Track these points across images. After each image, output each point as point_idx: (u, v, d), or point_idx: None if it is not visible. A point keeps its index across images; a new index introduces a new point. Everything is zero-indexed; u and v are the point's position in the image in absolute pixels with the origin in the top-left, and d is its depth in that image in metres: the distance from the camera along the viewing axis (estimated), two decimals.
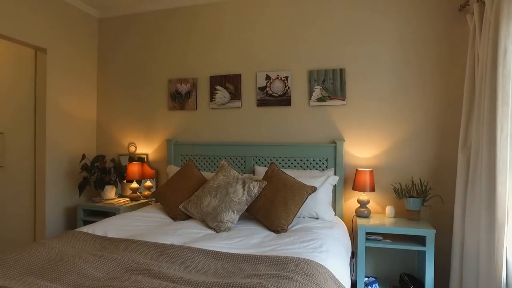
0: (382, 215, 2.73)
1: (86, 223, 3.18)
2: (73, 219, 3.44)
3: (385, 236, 2.49)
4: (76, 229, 2.19)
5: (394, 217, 2.65)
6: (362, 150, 2.87)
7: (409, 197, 2.54)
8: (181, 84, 3.39)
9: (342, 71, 2.89)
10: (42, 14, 3.13)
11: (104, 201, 3.24)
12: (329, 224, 2.40)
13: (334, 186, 2.79)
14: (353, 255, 2.69)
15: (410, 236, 2.49)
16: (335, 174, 2.83)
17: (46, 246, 1.82)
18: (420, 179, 2.62)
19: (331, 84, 2.93)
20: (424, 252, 2.35)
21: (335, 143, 2.85)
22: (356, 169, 2.72)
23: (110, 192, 3.34)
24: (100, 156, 3.33)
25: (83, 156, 3.31)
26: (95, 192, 3.63)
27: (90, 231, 2.16)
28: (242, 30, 3.21)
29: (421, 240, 2.41)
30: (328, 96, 2.94)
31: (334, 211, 2.77)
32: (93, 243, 1.97)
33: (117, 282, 1.36)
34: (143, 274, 1.46)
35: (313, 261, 1.62)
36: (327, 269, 1.60)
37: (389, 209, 2.65)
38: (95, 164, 3.29)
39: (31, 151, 3.24)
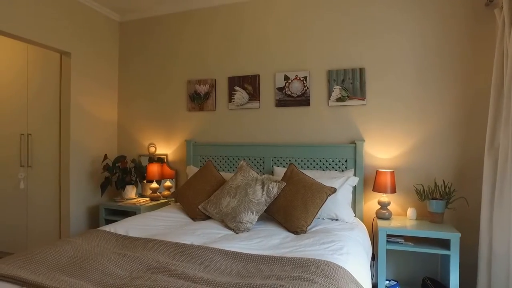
0: (403, 217, 2.67)
1: (108, 221, 3.26)
2: (96, 218, 3.53)
3: (407, 238, 2.44)
4: (99, 228, 2.25)
5: (416, 219, 2.59)
6: (383, 151, 2.82)
7: (432, 199, 2.47)
8: (200, 85, 3.42)
9: (361, 70, 2.84)
10: (67, 20, 3.23)
11: (125, 201, 3.31)
12: (349, 226, 2.37)
13: (354, 187, 2.75)
14: (374, 257, 2.64)
15: (433, 239, 2.42)
16: (354, 175, 2.79)
17: (71, 244, 1.87)
18: (443, 180, 2.54)
19: (350, 84, 2.89)
20: (448, 256, 2.28)
21: (355, 143, 2.81)
22: (377, 170, 2.67)
23: (131, 192, 3.40)
24: (121, 156, 3.40)
25: (105, 157, 3.39)
26: (116, 191, 3.72)
27: (112, 230, 2.21)
28: (260, 30, 3.21)
29: (444, 244, 2.35)
30: (347, 96, 2.90)
31: (354, 212, 2.73)
32: (115, 242, 2.01)
33: (139, 281, 1.38)
34: (164, 274, 1.48)
35: (334, 263, 1.60)
36: (348, 271, 1.57)
37: (410, 211, 2.59)
38: (117, 164, 3.37)
39: (57, 151, 3.35)
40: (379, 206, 2.66)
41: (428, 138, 2.70)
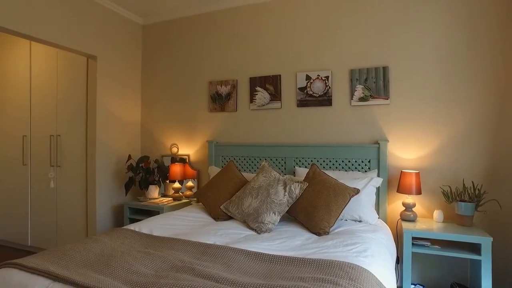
0: (429, 219, 2.59)
1: (132, 220, 3.34)
2: (120, 217, 3.62)
3: (433, 241, 2.36)
4: (124, 227, 2.30)
5: (443, 222, 2.51)
6: (407, 151, 2.75)
7: (460, 201, 2.38)
8: (221, 86, 3.45)
9: (385, 69, 2.78)
10: (94, 25, 3.33)
11: (148, 200, 3.37)
12: (373, 228, 2.32)
13: (378, 188, 2.70)
14: (398, 260, 2.57)
15: (461, 243, 2.34)
16: (378, 175, 2.74)
17: (98, 242, 1.93)
18: (472, 182, 2.45)
19: (373, 83, 2.83)
20: (479, 261, 2.19)
21: (378, 143, 2.75)
22: (401, 171, 2.60)
23: (154, 192, 3.47)
24: (144, 157, 3.47)
25: (129, 157, 3.47)
26: (140, 191, 3.81)
27: (137, 229, 2.26)
28: (281, 30, 3.20)
29: (474, 248, 2.26)
30: (370, 95, 2.85)
31: (378, 214, 2.67)
32: (140, 240, 2.05)
33: (164, 280, 1.40)
34: (188, 273, 1.50)
35: (358, 266, 1.57)
36: (372, 274, 1.54)
37: (437, 214, 2.51)
38: (140, 165, 3.44)
39: (84, 152, 3.46)
40: (404, 208, 2.59)
41: (455, 138, 2.61)
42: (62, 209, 3.59)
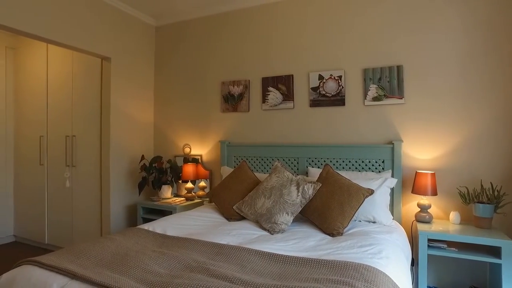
0: (445, 221, 2.54)
1: (145, 220, 3.37)
2: (133, 216, 3.66)
3: (450, 244, 2.31)
4: (138, 226, 2.32)
5: (460, 223, 2.46)
6: (422, 151, 2.70)
7: (478, 202, 2.33)
8: (233, 86, 3.46)
9: (399, 68, 2.74)
10: (108, 27, 3.38)
11: (161, 200, 3.40)
12: (387, 229, 2.29)
13: (392, 189, 2.66)
14: (413, 262, 2.53)
15: (480, 246, 2.29)
16: (392, 176, 2.70)
17: (113, 241, 1.95)
18: (491, 183, 2.39)
19: (387, 82, 2.79)
20: (499, 264, 2.14)
21: (393, 144, 2.72)
22: (416, 171, 2.56)
23: (167, 192, 3.50)
24: (157, 157, 3.50)
25: (142, 157, 3.50)
26: (153, 191, 3.84)
27: (150, 229, 2.28)
28: (293, 30, 3.19)
29: (493, 251, 2.20)
30: (384, 95, 2.81)
31: (392, 215, 2.63)
32: (154, 240, 2.06)
33: (179, 279, 1.41)
34: (202, 273, 1.50)
35: (374, 268, 1.55)
36: (388, 276, 1.52)
37: (453, 215, 2.45)
38: (153, 165, 3.47)
39: (98, 152, 3.51)
40: (419, 209, 2.55)
41: (473, 138, 2.55)
42: (77, 208, 3.65)
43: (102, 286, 1.38)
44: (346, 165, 2.89)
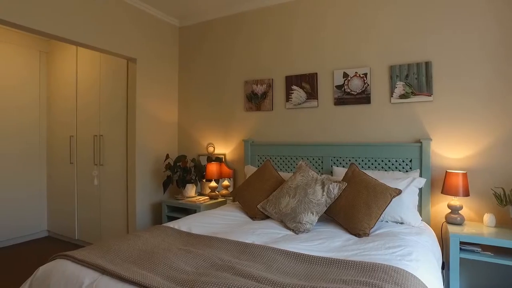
0: (478, 223, 2.44)
1: (170, 218, 3.43)
2: (158, 214, 3.73)
3: (484, 247, 2.21)
4: (164, 224, 2.36)
5: (495, 226, 2.34)
6: (453, 150, 2.60)
7: None
8: (257, 85, 3.46)
9: (427, 64, 2.65)
10: (133, 28, 3.46)
11: (186, 199, 3.45)
12: (416, 230, 2.22)
13: (420, 189, 2.58)
14: (443, 266, 2.44)
15: None
16: (420, 176, 2.61)
17: (140, 238, 1.99)
18: None
19: (415, 79, 2.71)
20: None
21: (421, 142, 2.63)
22: (446, 171, 2.46)
23: (191, 190, 3.54)
24: (182, 156, 3.55)
25: (167, 156, 3.56)
26: (177, 189, 3.90)
27: (176, 227, 2.32)
28: (316, 27, 3.15)
29: None
30: (412, 92, 2.72)
31: (420, 216, 2.55)
32: (179, 238, 2.09)
33: (205, 278, 1.42)
34: (228, 272, 1.50)
35: (404, 270, 1.50)
36: (419, 279, 1.47)
37: (488, 217, 2.35)
38: (178, 164, 3.52)
39: (124, 151, 3.60)
40: (449, 210, 2.46)
41: (508, 137, 2.43)
42: (104, 205, 3.77)
43: (131, 282, 1.41)
44: (372, 164, 2.82)
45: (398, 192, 2.27)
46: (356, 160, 2.88)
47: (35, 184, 4.27)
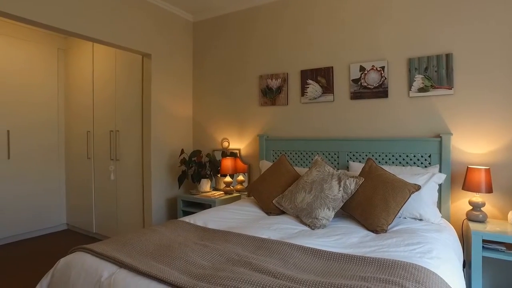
0: (502, 221, 2.35)
1: (185, 213, 3.46)
2: (174, 209, 3.77)
3: (509, 246, 2.13)
4: (180, 219, 2.38)
5: None
6: (474, 145, 2.51)
7: None
8: (271, 80, 3.43)
9: (448, 56, 2.57)
10: (147, 24, 3.48)
11: (201, 194, 3.46)
12: (435, 227, 2.16)
13: (440, 185, 2.51)
14: (464, 264, 2.37)
15: None
16: (440, 171, 2.54)
17: (157, 232, 2.01)
18: None
19: (435, 72, 2.63)
20: None
21: (440, 137, 2.56)
22: (468, 167, 2.39)
23: (206, 185, 3.55)
24: (197, 151, 3.56)
25: (182, 151, 3.57)
26: (192, 184, 3.92)
27: (191, 221, 2.32)
28: (331, 20, 3.09)
29: None
30: (431, 85, 2.64)
31: (440, 212, 2.48)
32: (195, 232, 2.10)
33: (222, 273, 1.42)
34: (244, 267, 1.50)
35: (424, 268, 1.46)
36: (441, 278, 1.42)
37: None
38: (193, 159, 3.54)
39: (140, 146, 3.64)
40: (471, 207, 2.39)
41: None
42: (121, 200, 3.82)
43: (148, 275, 1.42)
44: (389, 159, 2.76)
45: (417, 188, 2.22)
46: (373, 155, 2.83)
47: (55, 179, 4.37)
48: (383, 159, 2.79)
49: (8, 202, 3.90)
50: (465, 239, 2.43)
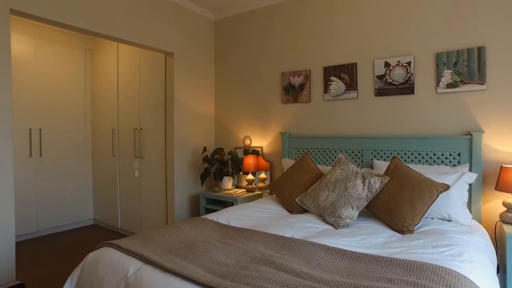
0: None
1: (207, 210, 3.49)
2: (196, 206, 3.81)
3: None
4: (203, 216, 2.40)
5: None
6: (509, 143, 2.39)
7: None
8: (294, 77, 3.39)
9: (480, 50, 2.45)
10: (170, 23, 3.52)
11: (223, 191, 3.48)
12: (466, 229, 2.07)
13: (470, 185, 2.41)
14: (498, 269, 2.27)
15: None
16: (470, 170, 2.44)
17: (181, 230, 2.03)
18: None
19: (465, 67, 2.52)
20: None
21: (471, 134, 2.45)
22: (501, 166, 2.28)
23: (228, 183, 3.57)
24: (219, 148, 3.58)
25: (204, 149, 3.61)
26: (214, 182, 3.95)
27: (214, 219, 2.34)
28: (355, 15, 3.02)
29: None
30: (461, 80, 2.54)
31: (470, 214, 2.38)
32: (218, 230, 2.11)
33: (245, 271, 1.42)
34: (268, 266, 1.49)
35: (455, 272, 1.40)
36: (474, 283, 1.36)
37: None
38: (215, 156, 3.56)
39: (163, 144, 3.70)
40: (505, 209, 2.28)
41: None
42: (145, 197, 3.90)
43: (173, 272, 1.44)
44: (416, 157, 2.68)
45: (446, 187, 2.14)
46: (398, 154, 2.75)
47: (82, 175, 4.52)
48: (408, 157, 2.71)
49: (41, 198, 4.06)
50: (498, 242, 2.32)
